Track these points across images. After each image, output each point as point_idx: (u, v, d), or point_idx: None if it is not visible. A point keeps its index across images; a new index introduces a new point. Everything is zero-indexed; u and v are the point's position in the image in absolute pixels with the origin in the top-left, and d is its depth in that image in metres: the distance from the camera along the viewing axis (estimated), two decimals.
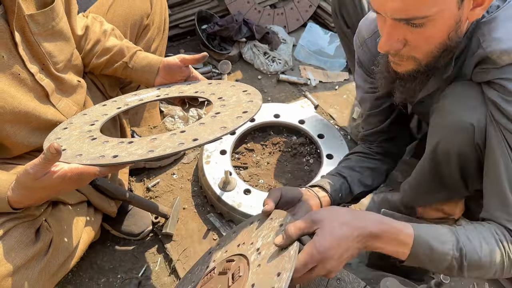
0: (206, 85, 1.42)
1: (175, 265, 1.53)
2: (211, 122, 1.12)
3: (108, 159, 1.01)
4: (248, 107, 1.17)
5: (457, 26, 0.97)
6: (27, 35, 1.12)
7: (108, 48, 1.40)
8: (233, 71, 2.40)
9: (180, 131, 1.11)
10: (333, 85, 2.36)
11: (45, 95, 1.20)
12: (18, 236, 1.05)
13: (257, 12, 2.59)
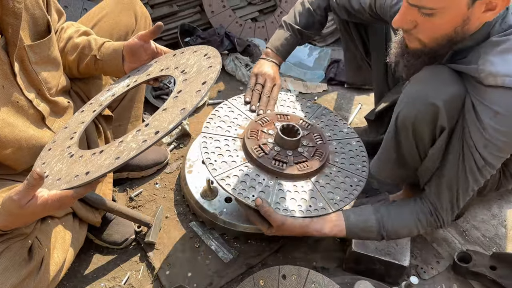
0: (171, 58, 1.40)
1: (158, 273, 1.56)
2: (172, 105, 1.11)
3: (81, 178, 1.02)
4: (207, 75, 1.15)
5: (464, 23, 1.09)
6: (25, 64, 1.16)
7: (77, 43, 1.41)
8: (215, 83, 2.45)
9: (145, 124, 1.09)
10: (312, 96, 2.44)
11: (41, 118, 1.25)
12: (12, 256, 1.07)
13: (239, 25, 2.67)
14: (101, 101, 1.38)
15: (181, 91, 1.15)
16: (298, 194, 1.39)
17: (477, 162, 1.16)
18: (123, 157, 1.01)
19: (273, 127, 1.53)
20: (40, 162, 1.21)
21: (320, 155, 1.48)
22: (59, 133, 1.32)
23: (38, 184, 0.95)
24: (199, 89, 1.11)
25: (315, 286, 1.28)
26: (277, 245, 1.67)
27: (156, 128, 1.04)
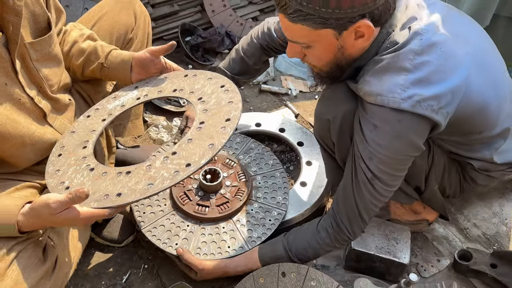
0: (183, 78, 1.46)
1: (158, 271, 1.57)
2: (198, 136, 1.19)
3: (113, 199, 1.10)
4: (229, 112, 1.23)
5: (341, 51, 1.17)
6: (27, 62, 1.17)
7: (83, 48, 1.43)
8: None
9: (171, 152, 1.18)
10: (313, 94, 2.44)
11: (42, 116, 1.25)
12: (28, 257, 1.08)
13: (239, 24, 2.67)
14: (110, 110, 1.42)
15: (203, 122, 1.23)
16: (219, 236, 1.51)
17: (366, 174, 1.22)
18: (157, 185, 1.09)
19: (199, 171, 1.59)
20: (53, 168, 1.24)
21: (242, 193, 1.59)
22: (67, 138, 1.33)
23: (80, 201, 1.04)
24: (224, 126, 1.19)
25: (314, 283, 1.28)
26: None
27: (186, 159, 1.13)
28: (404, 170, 1.25)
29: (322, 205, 1.78)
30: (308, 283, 1.29)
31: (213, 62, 2.49)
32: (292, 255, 1.39)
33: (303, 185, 1.79)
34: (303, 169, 1.85)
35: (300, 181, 1.79)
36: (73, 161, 1.27)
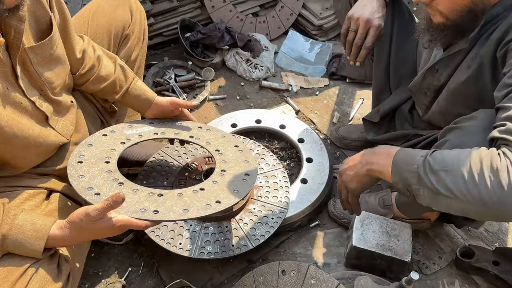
0: (197, 129, 1.62)
1: (158, 268, 1.56)
2: (222, 181, 1.36)
3: (151, 214, 1.17)
4: (247, 168, 1.44)
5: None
6: (27, 66, 1.15)
7: (102, 77, 1.45)
8: (216, 78, 2.44)
9: (199, 188, 1.31)
10: (314, 91, 2.42)
11: (44, 119, 1.24)
12: (44, 275, 1.07)
13: (240, 20, 2.65)
14: (128, 135, 1.51)
15: (225, 171, 1.41)
16: (222, 235, 1.50)
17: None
18: (193, 212, 1.20)
19: (200, 171, 1.63)
20: (75, 172, 1.27)
21: None
22: (84, 148, 1.37)
23: (117, 206, 1.07)
24: (244, 178, 1.38)
25: (314, 281, 1.28)
26: (278, 241, 1.66)
27: (215, 197, 1.27)
28: None
29: (323, 202, 1.77)
30: (308, 281, 1.28)
31: (213, 58, 2.47)
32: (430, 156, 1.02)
33: (304, 182, 1.78)
34: (303, 166, 1.84)
35: (301, 178, 1.78)
36: (98, 172, 1.31)
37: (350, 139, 2.04)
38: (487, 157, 0.92)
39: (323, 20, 2.71)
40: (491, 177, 0.89)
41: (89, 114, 1.51)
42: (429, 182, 0.98)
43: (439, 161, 0.98)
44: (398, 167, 1.06)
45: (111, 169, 1.33)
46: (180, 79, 2.32)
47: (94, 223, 1.05)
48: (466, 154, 0.96)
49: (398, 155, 1.08)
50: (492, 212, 0.91)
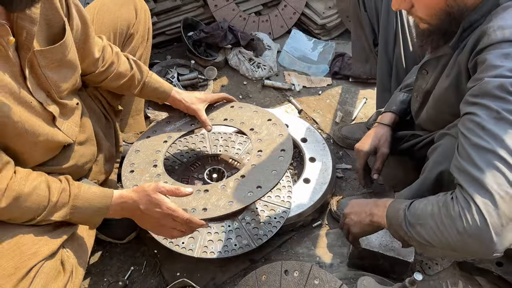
0: (230, 109, 1.69)
1: (161, 267, 1.56)
2: (260, 163, 1.42)
3: (201, 213, 1.27)
4: (282, 143, 1.48)
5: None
6: (35, 68, 1.15)
7: (121, 73, 1.47)
8: (219, 77, 2.44)
9: (240, 175, 1.38)
10: (317, 90, 2.41)
11: (51, 119, 1.24)
12: (48, 271, 1.07)
13: (242, 19, 2.64)
14: (168, 132, 1.62)
15: (261, 151, 1.47)
16: (225, 235, 1.51)
17: None
18: (237, 203, 1.28)
19: (203, 170, 1.63)
20: (130, 183, 1.41)
21: None
22: (133, 156, 1.53)
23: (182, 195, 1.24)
24: (281, 155, 1.43)
25: (317, 282, 1.27)
26: (280, 241, 1.66)
27: (256, 182, 1.35)
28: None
29: (325, 202, 1.76)
30: (311, 281, 1.27)
31: (215, 57, 2.47)
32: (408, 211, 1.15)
33: (307, 181, 1.77)
34: (306, 166, 1.84)
35: (304, 178, 1.78)
36: (148, 177, 1.43)
37: (353, 138, 2.03)
38: (444, 206, 1.04)
39: (326, 19, 2.70)
40: (450, 225, 1.01)
41: (95, 113, 1.51)
42: (411, 235, 1.11)
43: (413, 215, 1.11)
44: (389, 222, 1.19)
45: (160, 173, 1.44)
46: (183, 78, 2.32)
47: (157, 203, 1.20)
48: (431, 205, 1.08)
49: (388, 210, 1.21)
50: (464, 253, 1.04)
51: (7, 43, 1.03)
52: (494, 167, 0.96)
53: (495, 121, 0.99)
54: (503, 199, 0.95)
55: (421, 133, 1.58)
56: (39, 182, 1.11)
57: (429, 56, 1.38)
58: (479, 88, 1.03)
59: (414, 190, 1.41)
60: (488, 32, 1.07)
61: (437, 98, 1.37)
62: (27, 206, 1.08)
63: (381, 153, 1.65)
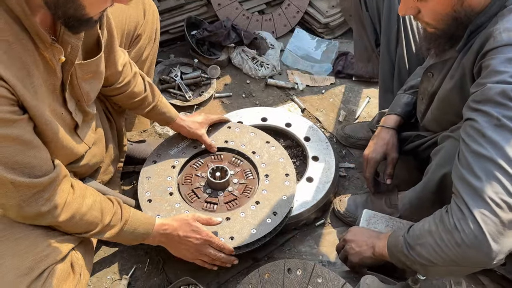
0: (227, 129, 1.79)
1: (164, 266, 1.56)
2: (270, 189, 1.59)
3: (228, 242, 1.43)
4: (285, 167, 1.67)
5: (460, 1, 1.10)
6: (72, 80, 1.17)
7: (134, 93, 1.51)
8: (222, 76, 2.44)
9: (255, 201, 1.54)
10: (320, 89, 2.41)
11: (74, 127, 1.27)
12: (60, 273, 1.10)
13: (246, 18, 2.64)
14: (173, 156, 1.68)
15: (268, 176, 1.64)
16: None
17: None
18: (259, 232, 1.46)
19: (206, 169, 1.65)
20: (152, 214, 1.49)
21: (249, 191, 1.61)
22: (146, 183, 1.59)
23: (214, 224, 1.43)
24: (287, 180, 1.63)
25: (321, 280, 1.27)
26: (283, 239, 1.66)
27: (270, 208, 1.52)
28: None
29: (328, 201, 1.77)
30: (314, 280, 1.28)
31: (219, 56, 2.47)
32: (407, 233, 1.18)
33: (310, 180, 1.77)
34: (309, 165, 1.84)
35: (306, 177, 1.78)
36: (169, 207, 1.52)
37: (356, 137, 2.03)
38: (440, 221, 1.06)
39: (329, 18, 2.70)
40: (449, 239, 1.02)
41: (100, 113, 1.51)
42: (413, 258, 1.13)
43: (413, 236, 1.14)
44: (390, 250, 1.23)
45: (178, 201, 1.54)
46: (186, 77, 2.32)
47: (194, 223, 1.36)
48: (428, 223, 1.10)
49: (389, 239, 1.25)
50: (466, 265, 1.04)
51: (58, 62, 1.07)
52: (492, 176, 0.97)
53: (495, 128, 0.99)
54: (500, 207, 0.95)
55: (425, 134, 1.58)
56: (93, 201, 1.19)
57: (435, 60, 1.37)
58: (481, 94, 1.04)
59: (417, 192, 1.41)
60: (494, 34, 1.07)
61: (441, 99, 1.37)
62: (80, 223, 1.17)
63: (392, 158, 1.65)
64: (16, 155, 0.99)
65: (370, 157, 1.65)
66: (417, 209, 1.48)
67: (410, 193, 1.47)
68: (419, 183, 1.42)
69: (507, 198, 0.95)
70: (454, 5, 1.12)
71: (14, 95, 0.96)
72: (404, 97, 1.67)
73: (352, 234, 1.43)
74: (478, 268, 1.07)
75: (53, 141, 1.13)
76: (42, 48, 1.01)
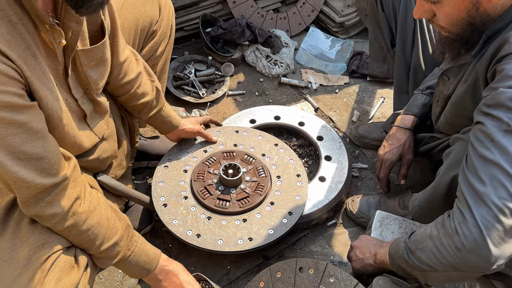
0: (235, 134, 1.80)
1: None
2: (283, 189, 1.61)
3: (248, 244, 1.44)
4: (295, 168, 1.68)
5: (476, 6, 1.09)
6: (77, 66, 1.17)
7: (137, 93, 1.48)
8: (235, 74, 2.44)
9: (270, 202, 1.56)
10: (334, 88, 2.40)
11: (83, 116, 1.26)
12: (62, 265, 1.08)
13: (260, 16, 2.64)
14: (185, 161, 1.70)
15: (280, 177, 1.65)
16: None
17: None
18: (276, 232, 1.48)
19: (218, 166, 1.65)
20: (168, 217, 1.52)
21: (261, 189, 1.60)
22: (159, 189, 1.59)
23: None
24: (299, 181, 1.64)
25: (333, 280, 1.27)
26: (294, 238, 1.66)
27: (285, 208, 1.55)
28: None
29: (340, 201, 1.76)
30: (326, 279, 1.27)
31: (233, 54, 2.47)
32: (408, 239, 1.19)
33: (322, 180, 1.77)
34: (322, 164, 1.83)
35: (319, 176, 1.77)
36: (185, 210, 1.54)
37: (369, 138, 2.02)
38: (442, 225, 1.06)
39: (344, 17, 2.68)
40: (449, 243, 1.02)
41: (114, 111, 1.51)
42: (413, 263, 1.13)
43: (413, 241, 1.14)
44: (392, 257, 1.24)
45: (194, 205, 1.55)
46: (200, 74, 2.32)
47: None
48: (429, 228, 1.11)
49: (391, 247, 1.25)
50: (466, 270, 1.03)
51: (58, 45, 1.06)
52: (497, 180, 0.97)
53: (504, 134, 0.98)
54: (503, 212, 0.95)
55: (439, 135, 1.56)
56: (97, 223, 1.15)
57: (451, 64, 1.36)
58: (492, 98, 1.03)
59: (427, 194, 1.40)
60: (510, 39, 1.05)
61: (454, 102, 1.36)
62: (81, 237, 1.13)
63: (407, 159, 1.64)
64: (23, 144, 0.95)
65: (386, 158, 1.63)
66: (427, 212, 1.46)
67: (421, 195, 1.46)
68: (429, 186, 1.41)
69: (511, 204, 0.95)
70: (469, 11, 1.11)
71: (22, 77, 0.94)
72: (421, 98, 1.65)
73: (359, 241, 1.44)
74: (477, 274, 1.06)
75: (58, 127, 1.10)
76: (43, 30, 0.99)
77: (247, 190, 1.59)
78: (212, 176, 1.63)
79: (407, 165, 1.64)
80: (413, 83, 1.81)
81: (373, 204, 1.71)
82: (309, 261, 1.32)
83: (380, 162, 1.66)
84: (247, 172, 1.65)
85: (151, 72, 1.55)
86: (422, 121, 1.65)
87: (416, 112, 1.63)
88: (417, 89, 1.70)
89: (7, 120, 0.92)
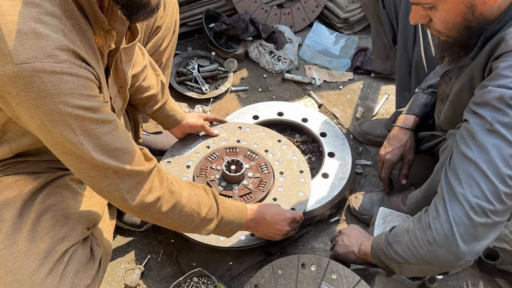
0: (238, 130, 1.80)
1: (177, 257, 1.57)
2: (286, 185, 1.60)
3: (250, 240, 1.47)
4: (298, 164, 1.68)
5: (470, 9, 1.08)
6: (117, 64, 1.17)
7: (142, 87, 1.49)
8: (239, 69, 2.43)
9: (272, 198, 1.56)
10: (337, 84, 2.38)
11: None
12: (80, 258, 1.10)
13: (264, 11, 2.63)
14: (187, 157, 1.70)
15: (283, 173, 1.65)
16: None
17: None
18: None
19: (221, 162, 1.65)
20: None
21: (264, 185, 1.59)
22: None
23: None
24: (302, 177, 1.64)
25: (335, 276, 1.26)
26: (297, 235, 1.65)
27: (289, 205, 1.56)
28: None
29: (344, 198, 1.75)
30: (328, 276, 1.26)
31: (236, 49, 2.46)
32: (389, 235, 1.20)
33: (325, 176, 1.76)
34: (325, 161, 1.82)
35: (322, 173, 1.76)
36: None
37: (373, 134, 2.01)
38: (418, 220, 1.08)
39: (349, 13, 2.66)
40: (422, 237, 1.05)
41: None
42: (390, 255, 1.15)
43: (392, 234, 1.16)
44: (373, 249, 1.25)
45: None
46: (203, 70, 2.32)
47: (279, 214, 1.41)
48: (408, 222, 1.13)
49: (374, 239, 1.27)
50: (436, 266, 1.06)
51: (108, 48, 1.06)
52: (472, 179, 0.99)
53: (486, 133, 0.99)
54: (474, 210, 0.97)
55: (439, 133, 1.55)
56: (189, 194, 1.20)
57: (451, 66, 1.35)
58: (480, 96, 1.03)
59: (423, 192, 1.41)
60: (506, 38, 1.05)
61: (452, 100, 1.36)
62: (180, 215, 1.18)
63: (408, 159, 1.64)
64: (114, 141, 0.98)
65: (387, 158, 1.63)
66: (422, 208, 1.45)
67: (417, 192, 1.47)
68: (425, 183, 1.41)
69: (483, 203, 0.97)
70: (465, 14, 1.10)
71: (98, 79, 0.97)
72: (423, 97, 1.64)
73: (349, 228, 1.44)
74: (447, 268, 1.08)
75: None
76: (98, 35, 1.00)
77: (250, 186, 1.59)
78: (215, 172, 1.63)
79: (408, 165, 1.64)
80: (415, 80, 1.80)
81: (376, 201, 1.70)
82: (311, 258, 1.31)
83: (381, 162, 1.65)
84: (250, 168, 1.65)
85: (156, 66, 1.55)
86: (423, 120, 1.64)
87: (417, 112, 1.62)
88: (418, 87, 1.69)
89: (101, 120, 0.95)
